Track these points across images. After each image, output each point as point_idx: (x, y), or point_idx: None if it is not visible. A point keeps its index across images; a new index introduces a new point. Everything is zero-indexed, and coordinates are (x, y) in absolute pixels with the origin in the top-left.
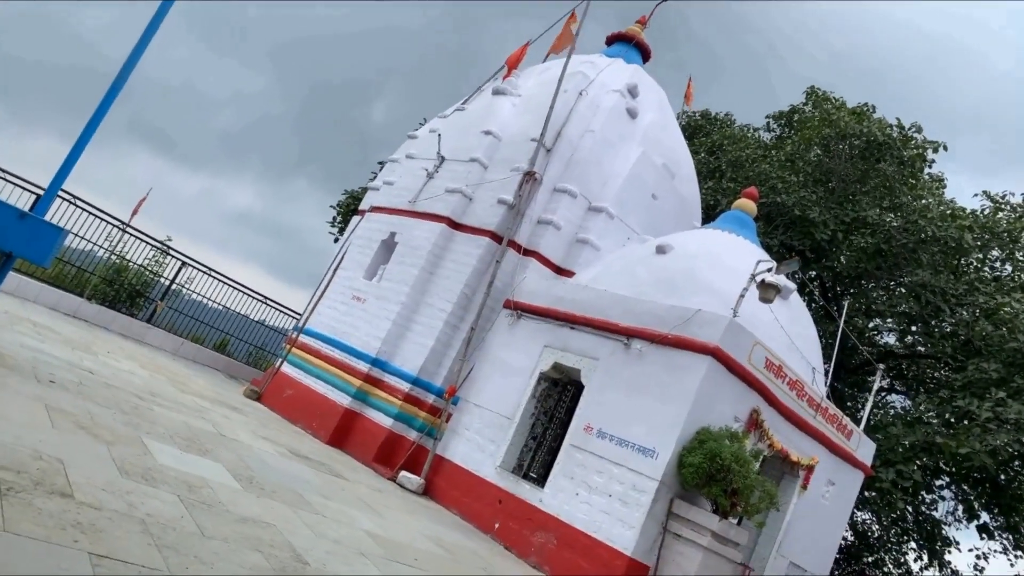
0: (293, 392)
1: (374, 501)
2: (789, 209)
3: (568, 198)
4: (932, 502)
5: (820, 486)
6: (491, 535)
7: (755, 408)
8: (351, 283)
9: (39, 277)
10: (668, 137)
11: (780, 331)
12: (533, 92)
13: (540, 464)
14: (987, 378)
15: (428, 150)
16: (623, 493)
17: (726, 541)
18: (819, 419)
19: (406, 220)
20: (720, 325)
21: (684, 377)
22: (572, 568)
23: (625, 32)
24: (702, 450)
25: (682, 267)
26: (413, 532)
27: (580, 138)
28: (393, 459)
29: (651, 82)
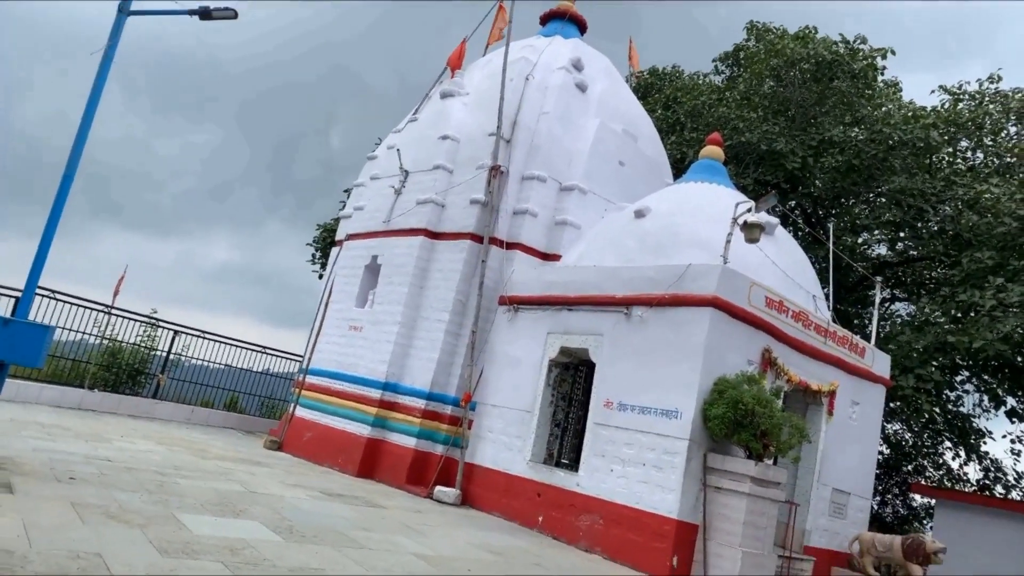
0: (312, 434)
1: (415, 523)
2: (755, 146)
3: (538, 184)
4: (957, 399)
5: (845, 408)
6: (536, 529)
7: (766, 347)
8: (345, 314)
9: (37, 378)
10: (622, 102)
11: (773, 267)
12: (481, 87)
13: (569, 449)
14: (983, 267)
15: (391, 167)
16: (656, 459)
17: (766, 483)
18: (830, 344)
19: (384, 241)
20: (713, 275)
21: (690, 333)
22: (623, 544)
23: (557, 9)
24: (723, 400)
25: (664, 226)
26: (460, 544)
27: (536, 122)
28: (425, 477)
29: (593, 52)
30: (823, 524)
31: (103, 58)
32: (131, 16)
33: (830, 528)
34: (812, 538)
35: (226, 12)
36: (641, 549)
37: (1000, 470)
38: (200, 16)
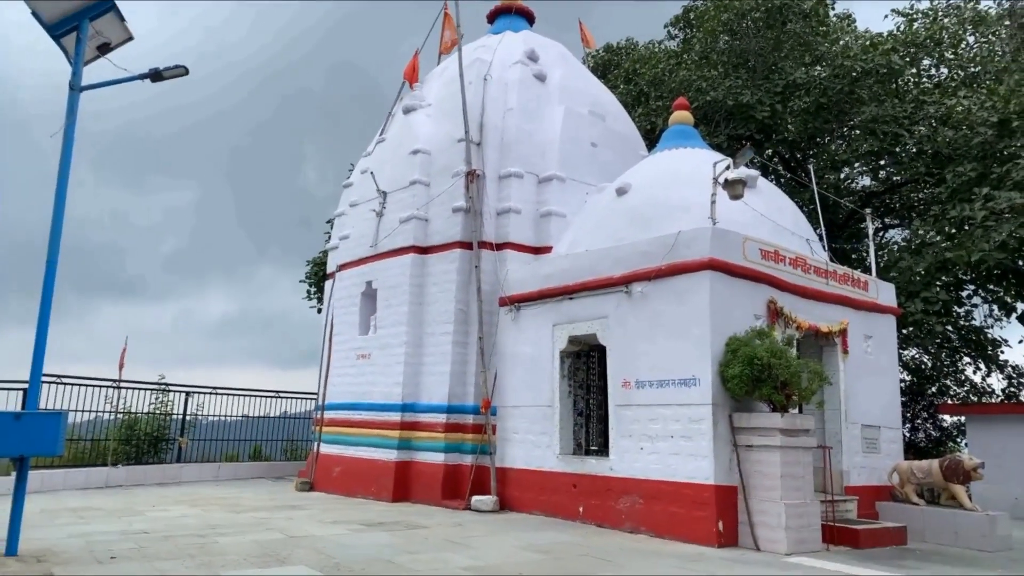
0: (340, 468)
1: (458, 536)
2: (722, 103)
3: (516, 180)
4: (967, 313)
5: (859, 344)
6: (578, 521)
7: (770, 299)
8: (350, 344)
9: (59, 464)
10: (583, 85)
11: (762, 219)
12: (441, 96)
13: (596, 435)
14: (968, 180)
15: (368, 191)
16: (683, 429)
17: (796, 432)
18: (832, 283)
19: (375, 265)
20: (705, 237)
21: (693, 299)
22: (666, 518)
23: (503, 5)
24: (738, 358)
25: (647, 199)
26: (506, 549)
27: (503, 120)
28: (459, 489)
29: (546, 41)
30: (859, 462)
31: (64, 138)
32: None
33: (867, 464)
34: (851, 477)
35: (176, 70)
36: (685, 520)
37: (1022, 375)
38: (152, 79)
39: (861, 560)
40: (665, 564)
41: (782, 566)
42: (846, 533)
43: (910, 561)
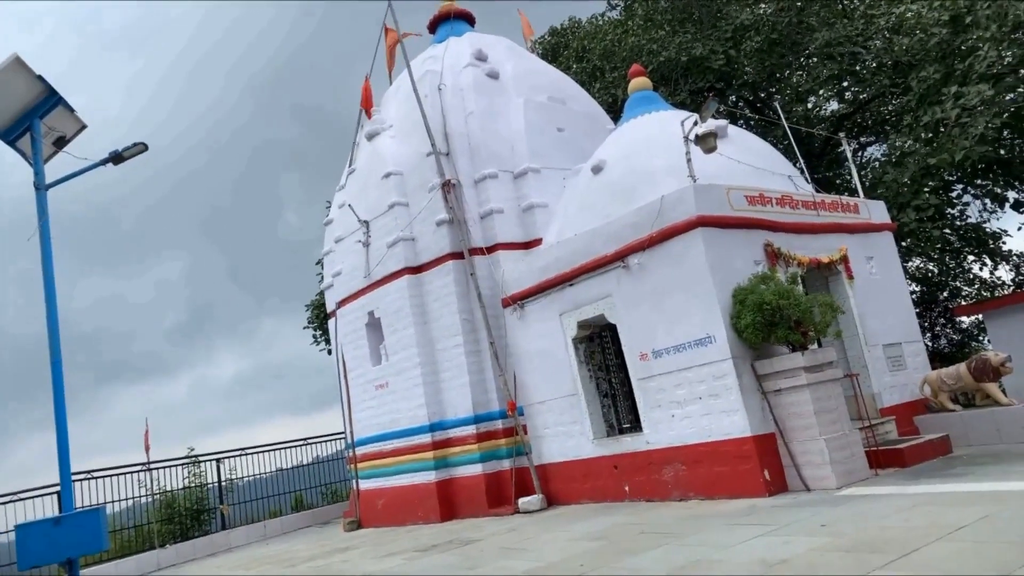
0: (383, 500)
1: (512, 542)
2: (676, 61)
3: (492, 181)
4: (961, 213)
5: (862, 267)
6: (626, 500)
7: (766, 242)
8: (366, 377)
9: (108, 558)
10: (536, 73)
11: (740, 166)
12: (401, 114)
13: (626, 412)
14: (933, 82)
15: (350, 224)
16: (709, 389)
17: (820, 367)
18: (823, 213)
19: (373, 294)
20: (688, 196)
21: (690, 259)
22: (712, 479)
23: (441, 12)
24: (747, 307)
25: (624, 172)
26: (562, 543)
27: (466, 125)
28: (504, 495)
29: (491, 39)
30: (888, 382)
31: (41, 238)
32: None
33: (896, 383)
34: (883, 399)
35: (136, 148)
36: (731, 477)
37: None
38: (114, 163)
39: (912, 478)
40: (722, 523)
41: (836, 500)
42: (891, 454)
43: (959, 468)
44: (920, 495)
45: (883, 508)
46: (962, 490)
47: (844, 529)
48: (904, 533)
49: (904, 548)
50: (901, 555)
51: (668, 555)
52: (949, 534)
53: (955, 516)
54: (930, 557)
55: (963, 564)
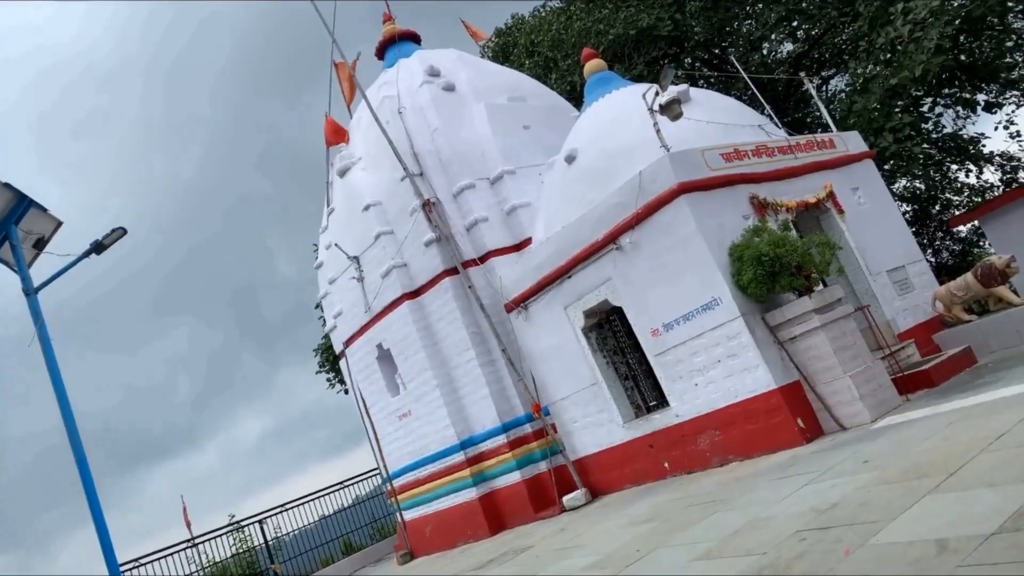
0: (430, 526)
1: (566, 541)
2: (625, 36)
3: (470, 191)
4: (936, 125)
5: (850, 199)
6: (669, 477)
7: (751, 195)
8: (388, 409)
9: None
10: (491, 77)
11: (709, 126)
12: (367, 145)
13: (650, 390)
14: (880, 3)
15: (340, 263)
16: (725, 351)
17: (830, 307)
18: (801, 155)
19: (377, 327)
20: (665, 167)
21: (680, 227)
22: (748, 438)
23: (386, 37)
24: (745, 263)
25: (597, 155)
26: (616, 532)
27: (433, 142)
28: (548, 497)
29: (439, 53)
30: (899, 306)
31: (41, 341)
32: (39, 292)
33: (907, 306)
34: (899, 324)
35: (116, 233)
36: (766, 432)
37: (1012, 158)
38: (96, 252)
39: (943, 396)
40: (766, 480)
41: (873, 434)
42: (917, 377)
43: (987, 377)
44: (954, 411)
45: (920, 432)
46: (994, 398)
47: (887, 461)
48: (946, 453)
49: (949, 468)
50: (947, 475)
51: (720, 522)
52: (990, 445)
53: (993, 425)
54: (976, 471)
55: (1009, 472)
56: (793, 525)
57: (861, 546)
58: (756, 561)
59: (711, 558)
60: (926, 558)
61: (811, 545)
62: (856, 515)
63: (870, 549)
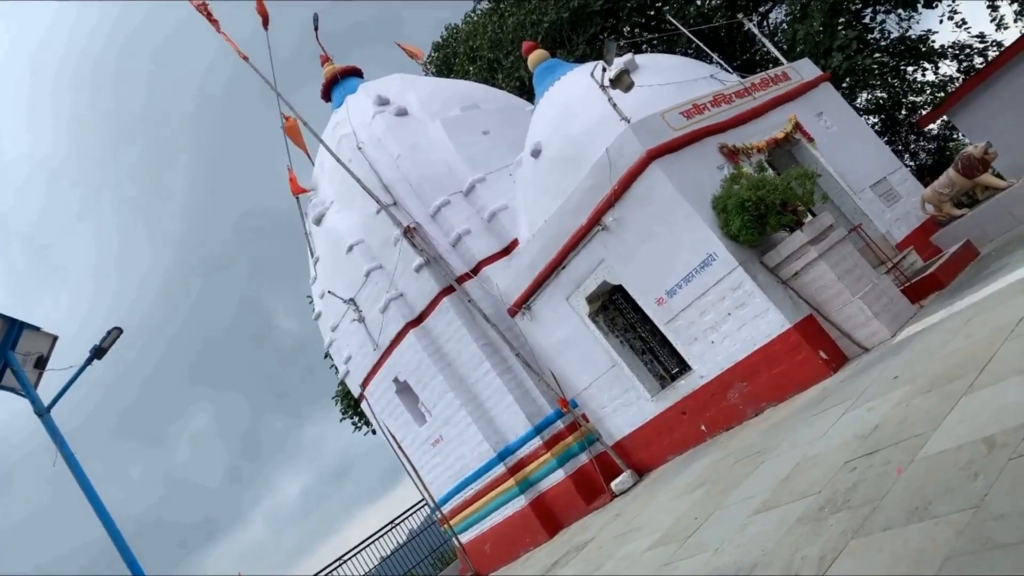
0: (489, 542)
1: (623, 526)
2: (559, 20)
3: (446, 208)
4: (882, 32)
5: (817, 125)
6: (709, 439)
7: (719, 145)
8: (418, 440)
9: None
10: (439, 92)
11: (663, 88)
12: (336, 186)
13: (668, 358)
14: None
15: (339, 309)
16: (733, 302)
17: (823, 234)
18: (758, 95)
19: (388, 363)
20: (628, 138)
21: (659, 194)
22: (777, 382)
23: (327, 78)
24: (730, 212)
25: (561, 143)
26: (668, 505)
27: (398, 169)
28: (596, 487)
29: (383, 81)
30: (891, 218)
31: (65, 458)
32: (52, 410)
33: (899, 216)
34: (894, 235)
35: (113, 334)
36: (792, 372)
37: (965, 47)
38: (98, 358)
39: (955, 295)
40: (804, 419)
41: (896, 348)
42: (925, 282)
43: (993, 266)
44: (969, 307)
45: (941, 336)
46: (1005, 285)
47: (916, 372)
48: (971, 350)
49: (977, 364)
50: (978, 372)
51: (769, 472)
52: (1012, 332)
53: (1011, 313)
54: (1005, 361)
55: None
56: (840, 457)
57: (911, 462)
58: (814, 501)
59: (769, 509)
60: (977, 458)
61: (863, 473)
62: (899, 433)
63: (921, 463)
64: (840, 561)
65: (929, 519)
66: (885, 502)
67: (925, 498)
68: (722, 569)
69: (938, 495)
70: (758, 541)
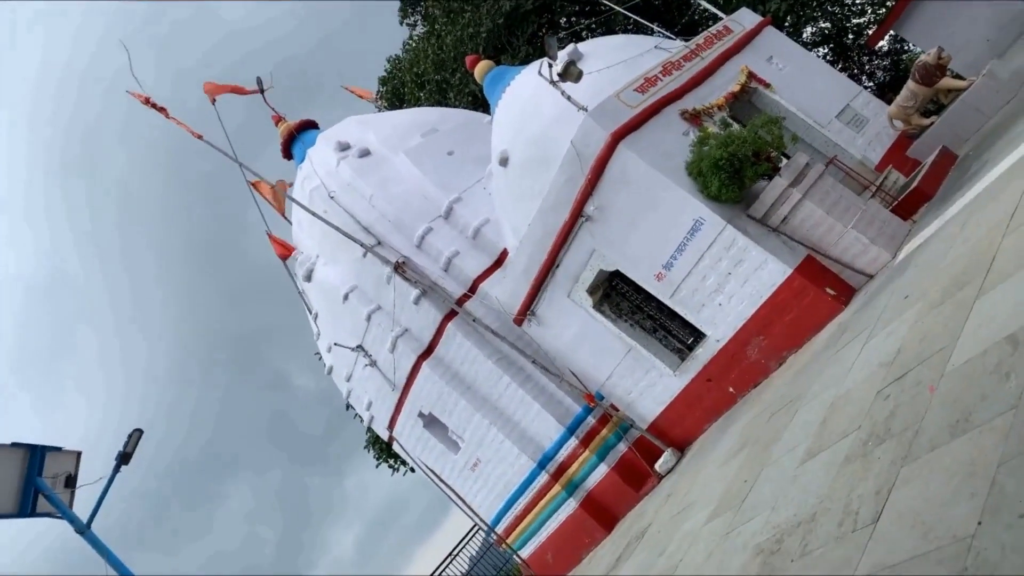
0: (550, 551)
1: (677, 504)
2: (496, 27)
3: (430, 235)
4: None
5: (770, 70)
6: (739, 399)
7: (679, 111)
8: (456, 467)
9: None
10: (397, 125)
11: (610, 71)
12: (317, 241)
13: (681, 329)
14: None
15: (348, 359)
16: (731, 261)
17: (802, 174)
18: (705, 54)
19: (410, 399)
20: (590, 126)
21: (632, 173)
22: (792, 328)
23: (284, 136)
24: (707, 175)
25: (526, 146)
26: (716, 475)
27: (374, 209)
28: (641, 473)
29: (338, 127)
30: (863, 142)
31: (116, 568)
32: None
33: (870, 138)
34: (871, 158)
35: (135, 436)
36: (805, 316)
37: None
38: (124, 463)
39: (944, 202)
40: (827, 359)
41: (900, 268)
42: (912, 197)
43: (975, 164)
44: (961, 211)
45: (941, 246)
46: (991, 181)
47: (924, 287)
48: (973, 253)
49: (983, 266)
50: (985, 273)
51: (807, 415)
52: (1008, 226)
53: (1003, 207)
54: (1009, 257)
55: None
56: (872, 388)
57: (941, 377)
58: (856, 437)
59: (814, 455)
60: (1005, 359)
61: (897, 399)
62: (923, 351)
63: (951, 376)
64: (896, 491)
65: (972, 429)
66: (925, 423)
67: (964, 410)
68: (783, 525)
69: (975, 404)
70: (812, 489)
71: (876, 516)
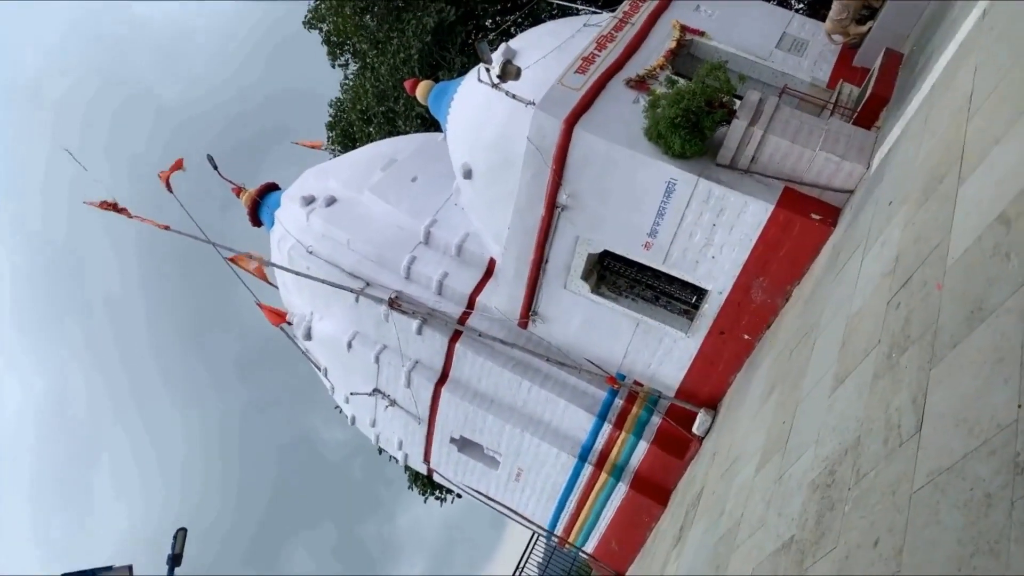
0: (614, 540)
1: (723, 463)
2: (425, 46)
3: (416, 264)
4: None
5: (700, 19)
6: (755, 345)
7: (624, 81)
8: (502, 482)
9: None
10: (354, 166)
11: (547, 60)
12: (306, 298)
13: (682, 291)
14: None
15: (368, 405)
16: (712, 214)
17: (758, 110)
18: (634, 19)
19: (437, 427)
20: (541, 119)
21: (594, 154)
22: (788, 262)
23: (249, 206)
24: (667, 136)
25: (485, 154)
26: (753, 425)
27: (354, 252)
28: (682, 441)
29: (299, 184)
30: (809, 64)
31: None
32: None
33: (815, 55)
34: (821, 78)
35: (181, 534)
36: (796, 246)
37: None
38: (176, 564)
39: (902, 100)
40: (829, 283)
41: (878, 176)
42: (871, 104)
43: (924, 55)
44: (921, 105)
45: (910, 145)
46: (941, 69)
47: (905, 188)
48: (944, 144)
49: (955, 152)
50: (959, 159)
51: (825, 346)
52: (969, 107)
53: (961, 89)
54: (978, 136)
55: (998, 117)
56: (881, 300)
57: (945, 272)
58: (878, 352)
59: (842, 380)
60: (1001, 240)
61: (908, 304)
62: (920, 252)
63: (954, 269)
64: (931, 395)
65: (989, 316)
66: (942, 321)
67: (975, 299)
68: (831, 456)
69: (984, 290)
70: (849, 414)
71: (918, 425)
